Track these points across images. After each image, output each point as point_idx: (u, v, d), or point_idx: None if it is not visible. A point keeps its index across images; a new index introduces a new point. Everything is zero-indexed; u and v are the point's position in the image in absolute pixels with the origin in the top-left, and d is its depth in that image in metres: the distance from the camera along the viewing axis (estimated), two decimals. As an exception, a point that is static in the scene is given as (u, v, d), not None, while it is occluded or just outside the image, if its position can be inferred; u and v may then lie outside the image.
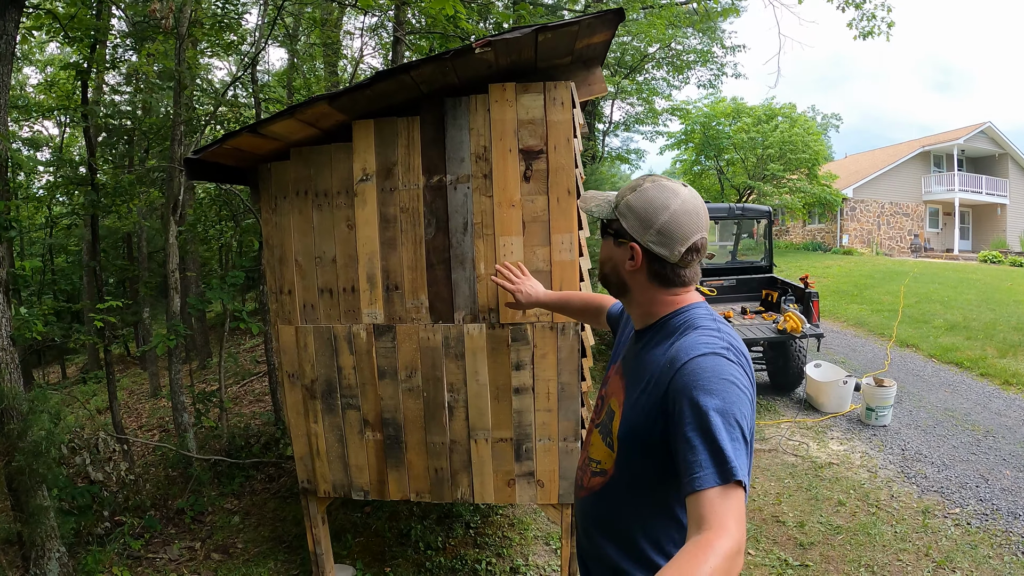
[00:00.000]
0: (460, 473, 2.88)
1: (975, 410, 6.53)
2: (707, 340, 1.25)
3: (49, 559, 3.65)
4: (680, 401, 1.16)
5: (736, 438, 1.09)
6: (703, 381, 1.15)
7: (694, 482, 1.06)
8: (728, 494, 1.04)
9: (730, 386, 1.15)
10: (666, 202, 1.33)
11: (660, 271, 1.36)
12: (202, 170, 2.76)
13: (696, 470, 1.06)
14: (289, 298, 2.90)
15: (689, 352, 1.22)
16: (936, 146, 26.28)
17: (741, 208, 8.55)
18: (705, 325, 1.31)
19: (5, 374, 3.57)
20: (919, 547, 3.93)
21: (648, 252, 1.35)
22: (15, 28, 3.52)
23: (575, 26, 2.21)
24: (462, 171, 2.63)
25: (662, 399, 1.23)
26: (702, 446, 1.08)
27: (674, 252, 1.33)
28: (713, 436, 1.08)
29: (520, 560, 3.77)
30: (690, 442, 1.10)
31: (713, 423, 1.09)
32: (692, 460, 1.08)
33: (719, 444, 1.07)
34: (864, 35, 10.37)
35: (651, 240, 1.33)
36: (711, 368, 1.18)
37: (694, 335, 1.28)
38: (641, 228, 1.34)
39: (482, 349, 2.71)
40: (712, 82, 15.13)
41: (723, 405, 1.12)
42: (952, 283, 14.41)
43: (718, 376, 1.16)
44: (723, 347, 1.23)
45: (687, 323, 1.34)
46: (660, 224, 1.32)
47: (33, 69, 14.19)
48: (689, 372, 1.18)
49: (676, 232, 1.32)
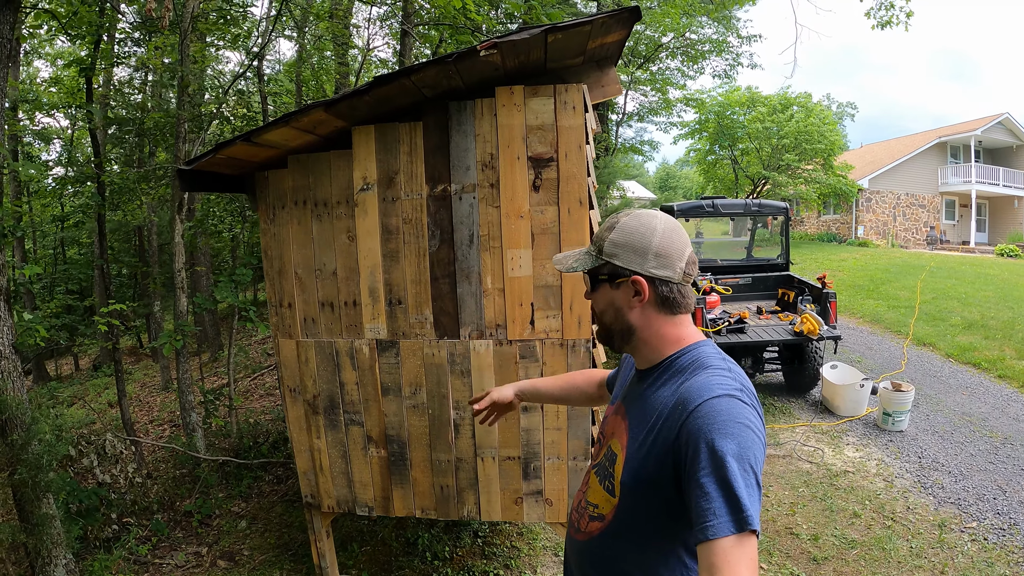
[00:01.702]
0: (466, 491, 2.78)
1: (993, 415, 6.36)
2: (720, 381, 1.20)
3: (55, 566, 3.63)
4: (694, 445, 1.11)
5: (751, 484, 1.06)
6: (719, 425, 1.11)
7: (707, 530, 1.03)
8: (742, 543, 1.01)
9: (745, 430, 1.11)
10: (652, 225, 1.31)
11: (668, 295, 1.31)
12: (197, 180, 2.67)
13: (710, 518, 1.03)
14: (289, 311, 2.80)
15: (703, 394, 1.17)
16: (953, 137, 25.79)
17: (757, 204, 8.36)
18: (716, 365, 1.26)
19: (7, 383, 3.52)
20: (935, 564, 3.80)
21: (653, 280, 1.31)
22: (11, 31, 3.43)
23: (588, 26, 2.08)
24: (467, 180, 2.51)
25: (673, 442, 1.17)
26: (717, 493, 1.05)
27: (677, 270, 1.30)
28: (729, 483, 1.05)
29: (528, 572, 3.69)
30: (703, 488, 1.06)
31: (729, 469, 1.06)
32: (706, 507, 1.04)
33: (735, 491, 1.04)
34: (882, 24, 10.13)
35: (652, 266, 1.30)
36: (726, 411, 1.13)
37: (705, 375, 1.23)
38: (639, 258, 1.31)
39: (489, 366, 2.60)
40: (727, 72, 14.90)
41: (739, 450, 1.08)
42: (969, 278, 14.13)
43: (733, 420, 1.12)
44: (737, 389, 1.18)
45: (696, 362, 1.28)
46: (656, 247, 1.29)
47: (44, 62, 14.18)
48: (703, 415, 1.13)
49: (672, 250, 1.30)
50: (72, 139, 13.33)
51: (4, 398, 3.43)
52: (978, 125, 25.20)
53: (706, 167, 28.24)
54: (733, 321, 6.60)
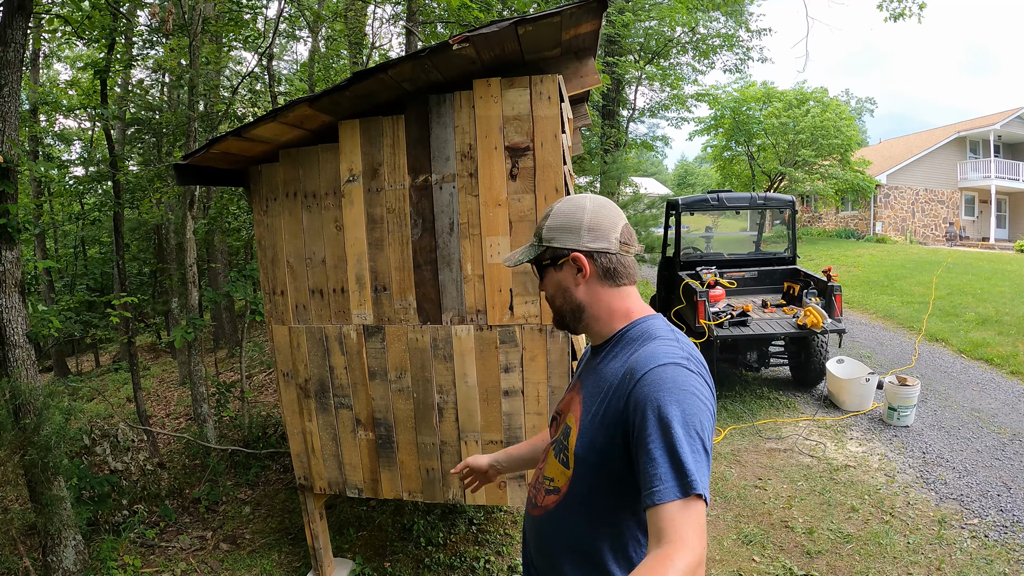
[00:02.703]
0: (451, 474, 2.86)
1: (1003, 411, 6.24)
2: (666, 350, 1.23)
3: (65, 547, 3.76)
4: (641, 412, 1.14)
5: (697, 450, 1.08)
6: (664, 392, 1.14)
7: (654, 495, 1.05)
8: (689, 507, 1.03)
9: (691, 397, 1.14)
10: (581, 204, 1.38)
11: (608, 266, 1.36)
12: (195, 174, 2.78)
13: (656, 483, 1.05)
14: (282, 298, 2.91)
15: (649, 362, 1.20)
16: (972, 131, 25.29)
17: (763, 198, 8.32)
18: (663, 335, 1.30)
19: (21, 370, 3.67)
20: (931, 560, 3.76)
21: (590, 254, 1.36)
22: (23, 36, 3.57)
23: (557, 17, 2.15)
24: (447, 170, 2.60)
25: (623, 410, 1.21)
26: (663, 458, 1.07)
27: (612, 241, 1.35)
28: (675, 448, 1.07)
29: (519, 559, 3.75)
30: (650, 454, 1.08)
31: (675, 435, 1.08)
32: (652, 473, 1.07)
33: (680, 457, 1.06)
34: (895, 17, 10.04)
35: (587, 240, 1.35)
36: (671, 378, 1.16)
37: (653, 345, 1.26)
38: (574, 236, 1.36)
39: (470, 351, 2.68)
40: (738, 66, 14.81)
41: (684, 416, 1.10)
42: (986, 274, 13.89)
43: (679, 387, 1.14)
44: (683, 357, 1.21)
45: (645, 333, 1.32)
46: (587, 223, 1.35)
47: (63, 65, 14.51)
48: (649, 382, 1.16)
49: (604, 223, 1.35)
50: (92, 140, 13.64)
51: (18, 384, 3.58)
52: (997, 119, 24.70)
53: (723, 163, 28.06)
54: (736, 314, 6.60)
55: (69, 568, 3.77)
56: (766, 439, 5.76)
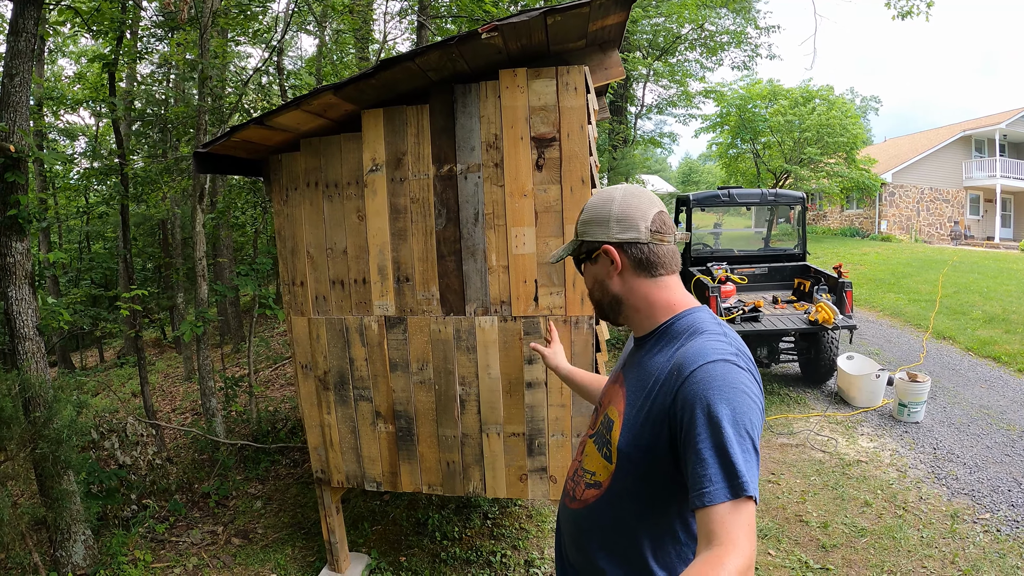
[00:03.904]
0: (472, 467, 2.84)
1: (1011, 408, 6.26)
2: (715, 346, 1.20)
3: (75, 541, 3.75)
4: (689, 410, 1.12)
5: (747, 450, 1.06)
6: (714, 390, 1.11)
7: (704, 496, 1.03)
8: (739, 509, 1.01)
9: (741, 395, 1.11)
10: (610, 195, 1.37)
11: (639, 256, 1.34)
12: (213, 163, 2.76)
13: (706, 484, 1.03)
14: (301, 289, 2.88)
15: (698, 359, 1.17)
16: (977, 130, 25.26)
17: (774, 194, 8.32)
18: (711, 329, 1.27)
19: (31, 363, 3.65)
20: (945, 554, 3.78)
21: (621, 245, 1.34)
22: (35, 26, 3.56)
23: (586, 7, 2.13)
24: (472, 160, 2.57)
25: (670, 407, 1.18)
26: (713, 459, 1.05)
27: (641, 230, 1.33)
28: (725, 449, 1.05)
29: (536, 553, 3.74)
30: (700, 454, 1.06)
31: (725, 435, 1.06)
32: (702, 473, 1.05)
33: (731, 457, 1.04)
34: (903, 15, 10.01)
35: (616, 232, 1.34)
36: (721, 376, 1.13)
37: (700, 340, 1.23)
38: (603, 228, 1.36)
39: (494, 343, 2.66)
40: (746, 63, 14.78)
41: (734, 415, 1.08)
42: (992, 273, 13.90)
43: (729, 384, 1.12)
44: (732, 353, 1.18)
45: (691, 327, 1.29)
46: (616, 213, 1.34)
47: (68, 60, 14.48)
48: (699, 380, 1.13)
49: (633, 212, 1.33)
50: (97, 134, 13.63)
51: (27, 377, 3.56)
52: (1003, 119, 24.67)
53: (728, 161, 28.02)
54: (747, 310, 6.59)
55: (78, 563, 3.76)
56: (777, 435, 5.75)
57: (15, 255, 3.59)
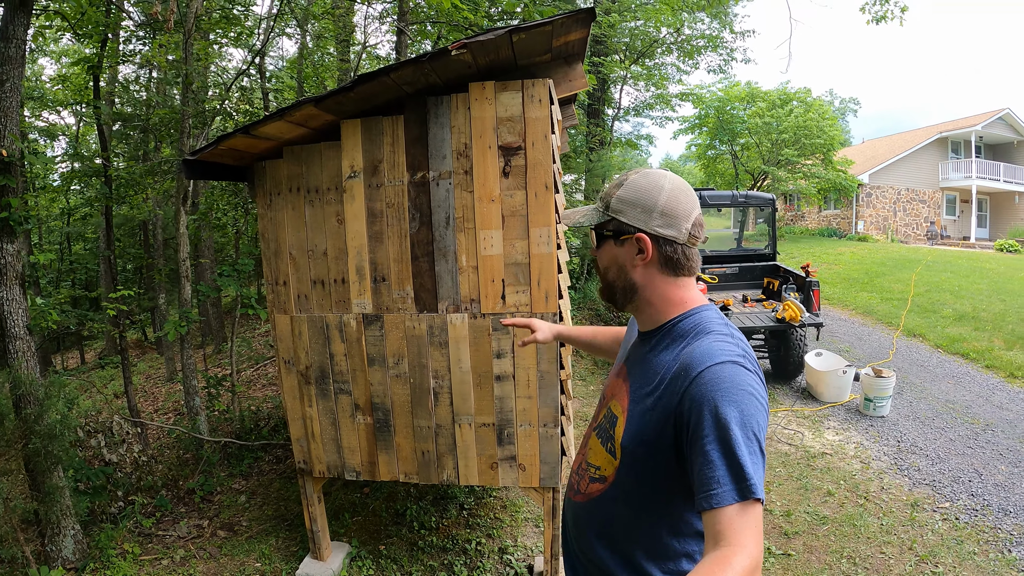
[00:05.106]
0: (445, 456, 3.01)
1: (976, 403, 6.49)
2: (723, 347, 1.20)
3: (64, 536, 3.84)
4: (697, 411, 1.12)
5: (754, 451, 1.06)
6: (722, 392, 1.11)
7: (711, 499, 1.04)
8: (746, 511, 1.02)
9: (749, 397, 1.11)
10: (659, 183, 1.30)
11: (671, 255, 1.30)
12: (201, 169, 2.90)
13: (714, 486, 1.04)
14: (284, 288, 3.04)
15: (705, 360, 1.17)
16: (954, 132, 25.81)
17: (744, 196, 8.56)
18: (718, 330, 1.26)
19: (22, 362, 3.74)
20: (904, 540, 3.96)
21: (657, 238, 1.29)
22: (24, 31, 3.66)
23: (548, 26, 2.30)
24: (444, 167, 2.74)
25: (676, 407, 1.17)
26: (720, 461, 1.05)
27: (682, 231, 1.29)
28: (732, 451, 1.05)
29: (509, 541, 3.91)
30: (707, 456, 1.07)
31: (733, 437, 1.06)
32: (710, 475, 1.05)
33: (739, 460, 1.04)
34: (877, 20, 10.23)
35: (657, 224, 1.29)
36: (730, 378, 1.13)
37: (708, 340, 1.22)
38: (644, 215, 1.29)
39: (464, 338, 2.83)
40: (722, 67, 15.06)
41: (742, 418, 1.08)
42: (964, 272, 14.24)
43: (737, 387, 1.12)
44: (740, 355, 1.18)
45: (698, 327, 1.28)
46: (662, 205, 1.28)
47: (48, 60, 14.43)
48: (707, 381, 1.13)
49: (679, 209, 1.28)
50: (77, 135, 13.60)
51: (18, 375, 3.66)
52: (979, 121, 25.22)
53: (706, 162, 28.39)
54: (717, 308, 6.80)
55: (68, 557, 3.85)
56: (746, 429, 5.94)
57: (6, 256, 3.69)
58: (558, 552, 3.12)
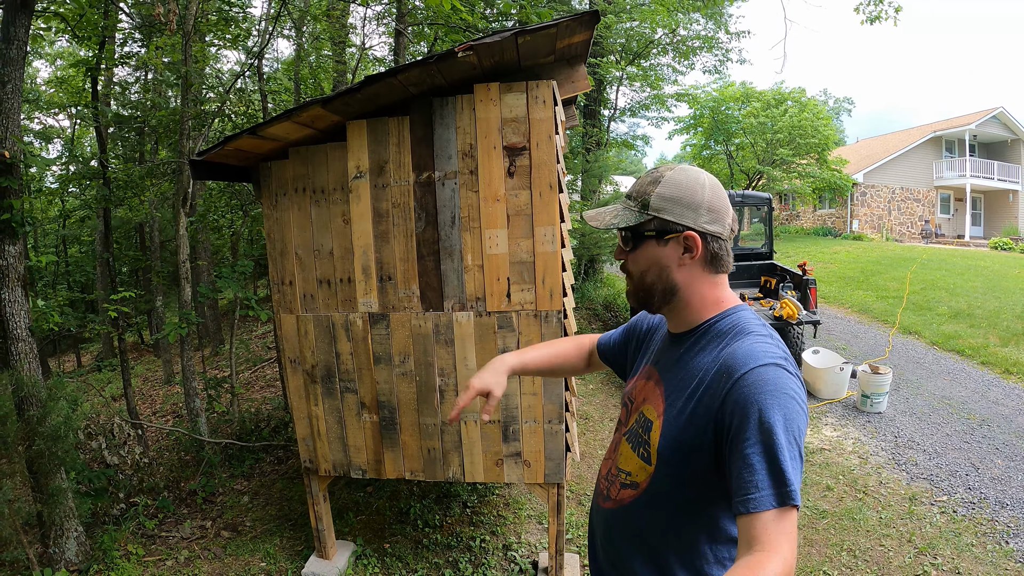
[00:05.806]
0: (451, 453, 3.04)
1: (972, 398, 6.55)
2: (765, 348, 1.17)
3: (67, 538, 3.84)
4: (740, 414, 1.09)
5: (795, 456, 1.05)
6: (767, 395, 1.08)
7: (749, 503, 1.02)
8: (784, 517, 1.00)
9: (791, 401, 1.08)
10: (699, 178, 1.27)
11: (717, 252, 1.28)
12: (207, 169, 2.92)
13: (752, 491, 1.02)
14: (290, 288, 3.06)
15: (748, 361, 1.14)
16: (948, 131, 25.92)
17: (741, 195, 8.63)
18: (757, 330, 1.23)
19: (24, 364, 3.75)
20: (902, 533, 4.01)
21: (705, 236, 1.26)
22: (25, 33, 3.68)
23: (553, 28, 2.33)
24: (449, 168, 2.77)
25: (717, 410, 1.15)
26: (761, 465, 1.03)
27: (726, 226, 1.27)
28: (775, 455, 1.03)
29: (513, 538, 3.94)
30: (748, 459, 1.04)
31: (776, 441, 1.04)
32: (749, 479, 1.03)
33: (780, 464, 1.02)
34: (871, 20, 10.28)
35: (705, 221, 1.25)
36: (773, 381, 1.10)
37: (748, 341, 1.20)
38: (692, 212, 1.25)
39: (470, 336, 2.86)
40: (717, 68, 15.13)
41: (786, 422, 1.06)
42: (959, 270, 14.32)
43: (780, 390, 1.09)
44: (782, 357, 1.16)
45: (736, 327, 1.25)
46: (708, 201, 1.25)
47: (43, 62, 14.39)
48: (751, 384, 1.10)
49: (721, 204, 1.26)
50: (73, 138, 13.57)
51: (21, 377, 3.67)
52: (973, 119, 25.33)
53: (702, 162, 28.44)
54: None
55: (71, 559, 3.85)
56: (745, 427, 5.98)
57: (8, 258, 3.70)
58: (563, 548, 3.15)
